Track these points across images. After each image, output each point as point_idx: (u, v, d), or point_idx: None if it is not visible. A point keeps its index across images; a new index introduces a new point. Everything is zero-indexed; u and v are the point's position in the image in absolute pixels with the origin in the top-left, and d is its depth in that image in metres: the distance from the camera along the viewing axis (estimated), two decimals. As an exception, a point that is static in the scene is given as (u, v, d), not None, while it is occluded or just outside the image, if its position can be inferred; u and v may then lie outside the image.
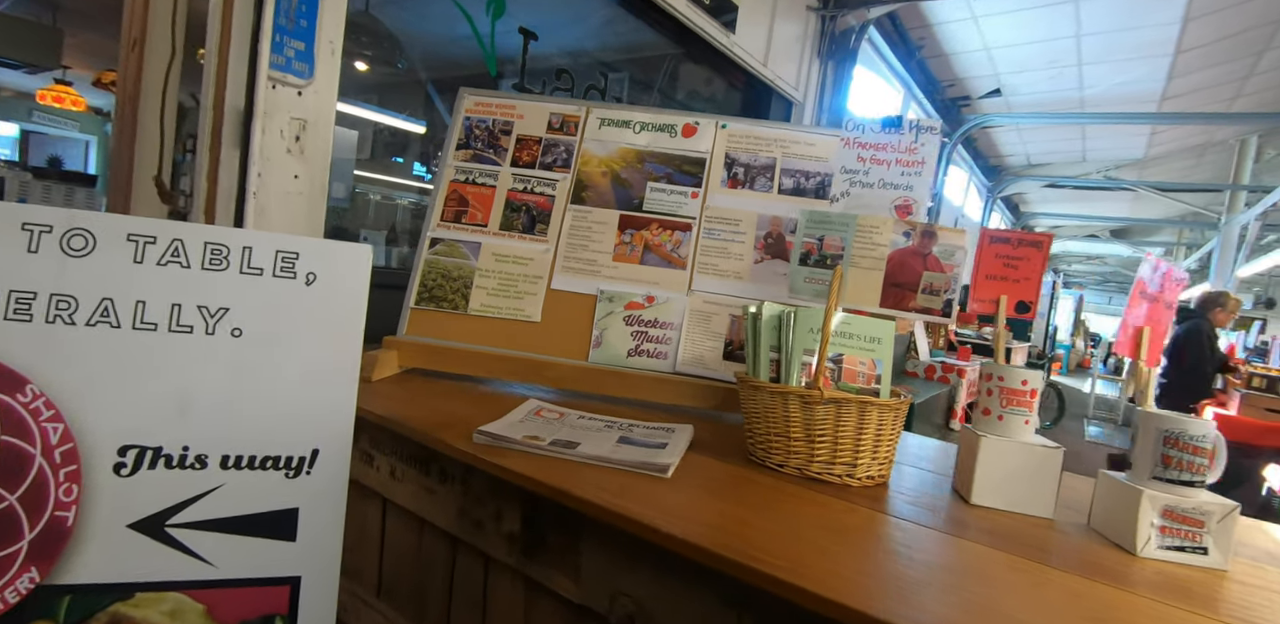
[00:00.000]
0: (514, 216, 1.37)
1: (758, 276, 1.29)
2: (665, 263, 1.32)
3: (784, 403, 0.92)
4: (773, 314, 1.03)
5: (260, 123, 1.37)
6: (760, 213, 1.32)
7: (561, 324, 1.30)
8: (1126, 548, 0.77)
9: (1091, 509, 0.86)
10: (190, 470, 0.84)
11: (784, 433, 0.93)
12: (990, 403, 0.90)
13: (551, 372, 1.25)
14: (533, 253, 1.34)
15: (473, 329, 1.31)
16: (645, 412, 1.22)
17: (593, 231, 1.35)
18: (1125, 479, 0.80)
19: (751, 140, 1.37)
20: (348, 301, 0.92)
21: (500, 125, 1.43)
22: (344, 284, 0.91)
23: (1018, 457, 0.87)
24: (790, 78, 3.92)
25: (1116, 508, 0.80)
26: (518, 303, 1.32)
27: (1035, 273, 0.95)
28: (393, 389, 1.20)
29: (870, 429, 0.91)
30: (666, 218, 1.34)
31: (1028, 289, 0.95)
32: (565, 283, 1.32)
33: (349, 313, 0.92)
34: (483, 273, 1.34)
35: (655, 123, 1.40)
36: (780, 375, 1.01)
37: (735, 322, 1.27)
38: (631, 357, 1.27)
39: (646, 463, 0.86)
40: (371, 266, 0.93)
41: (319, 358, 0.90)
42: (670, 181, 1.36)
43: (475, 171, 1.41)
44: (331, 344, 0.90)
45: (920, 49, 5.64)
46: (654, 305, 1.29)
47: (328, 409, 0.91)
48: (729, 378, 1.23)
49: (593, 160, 1.39)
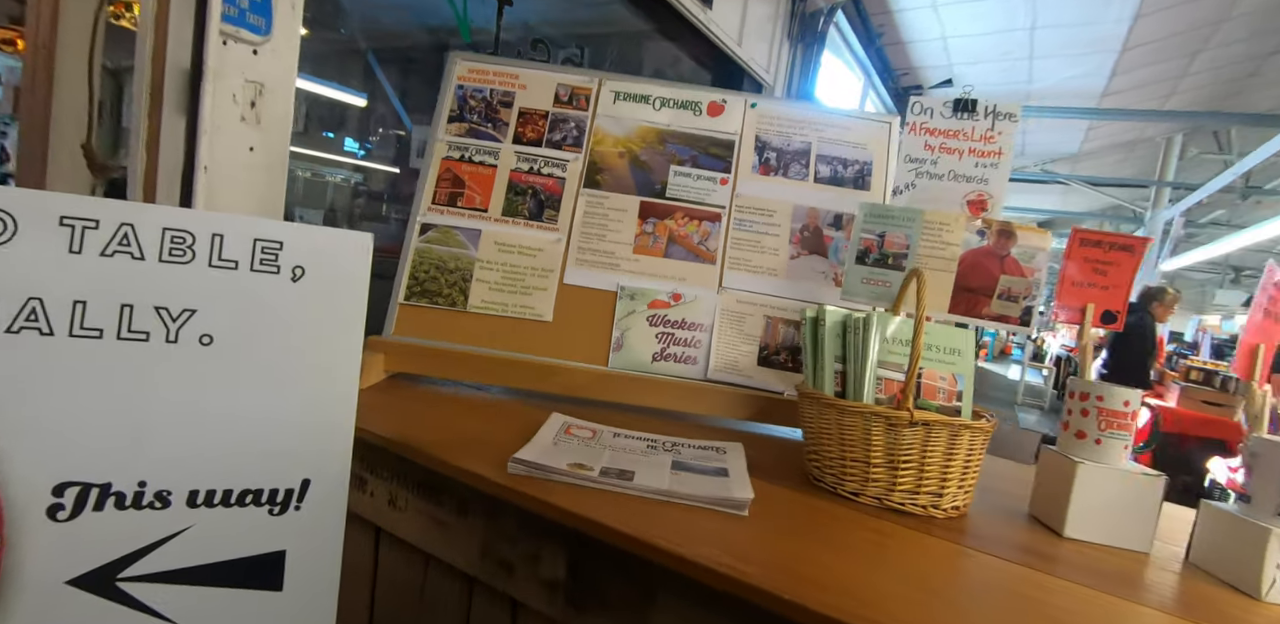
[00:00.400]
0: (518, 201, 1.20)
1: (794, 274, 1.17)
2: (693, 256, 1.18)
3: (865, 424, 0.82)
4: (837, 320, 0.92)
5: (210, 84, 1.15)
6: (796, 203, 1.20)
7: (577, 324, 1.15)
8: (1247, 591, 0.70)
9: (1192, 543, 0.79)
10: (149, 511, 0.68)
11: (863, 458, 0.82)
12: (1086, 425, 0.82)
13: (566, 378, 1.11)
14: (541, 242, 1.18)
15: (473, 329, 1.14)
16: (675, 424, 1.09)
17: (610, 220, 1.20)
18: (1240, 513, 0.73)
19: (784, 122, 1.24)
20: (344, 301, 0.76)
21: (499, 96, 1.25)
22: (339, 280, 0.75)
23: (1116, 485, 0.80)
24: (762, 59, 3.81)
25: (1230, 545, 0.73)
26: (525, 299, 1.16)
27: (1125, 279, 0.87)
28: (383, 399, 1.02)
29: (960, 454, 0.81)
30: (693, 206, 1.20)
31: (1116, 297, 0.87)
32: (580, 277, 1.17)
33: (346, 315, 0.76)
34: (484, 264, 1.17)
35: (677, 99, 1.25)
36: (846, 390, 0.90)
37: (770, 324, 1.16)
38: (657, 361, 1.14)
39: (722, 499, 0.73)
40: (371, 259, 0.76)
41: (309, 370, 0.73)
42: (696, 165, 1.22)
43: (471, 148, 1.22)
44: (325, 353, 0.74)
45: (880, 36, 5.64)
46: (681, 304, 1.16)
47: (321, 431, 0.75)
48: (767, 386, 1.12)
49: (607, 139, 1.23)
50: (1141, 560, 0.77)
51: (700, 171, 1.21)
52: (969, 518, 0.84)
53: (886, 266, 0.99)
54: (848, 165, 1.22)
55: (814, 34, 4.38)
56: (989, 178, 0.96)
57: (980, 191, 0.96)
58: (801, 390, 0.91)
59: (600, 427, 0.96)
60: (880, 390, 0.87)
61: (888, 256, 0.99)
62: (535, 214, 1.20)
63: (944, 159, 0.99)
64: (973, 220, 0.94)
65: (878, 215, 1.00)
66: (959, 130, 0.99)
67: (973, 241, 0.95)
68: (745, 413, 1.11)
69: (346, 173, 3.13)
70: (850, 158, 1.22)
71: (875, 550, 0.71)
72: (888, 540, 0.74)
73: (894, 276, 0.99)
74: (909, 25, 5.48)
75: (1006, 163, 0.96)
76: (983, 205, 0.96)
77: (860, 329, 0.89)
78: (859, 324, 0.89)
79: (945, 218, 0.95)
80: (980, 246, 0.94)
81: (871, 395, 0.86)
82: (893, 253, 0.98)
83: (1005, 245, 0.93)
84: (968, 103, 0.98)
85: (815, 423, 0.88)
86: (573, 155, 1.22)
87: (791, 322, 1.15)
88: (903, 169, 1.02)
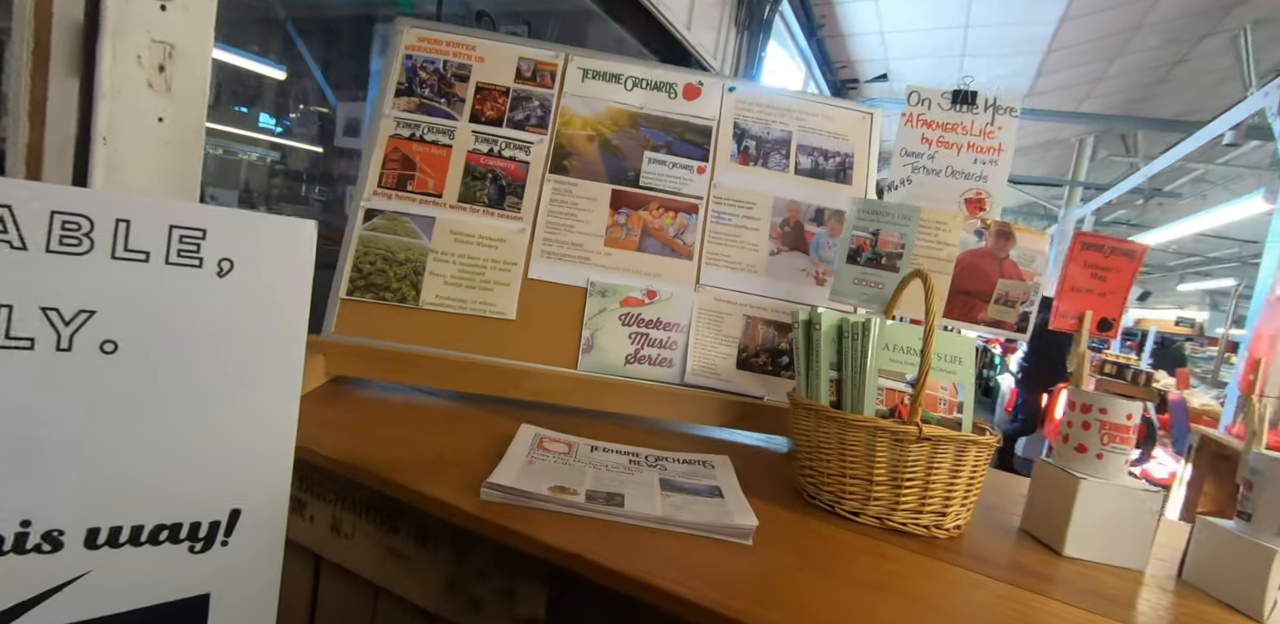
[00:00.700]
0: (477, 186, 1.08)
1: (774, 271, 1.11)
2: (668, 250, 1.10)
3: (869, 440, 0.76)
4: (832, 324, 0.86)
5: (109, 42, 0.97)
6: (776, 196, 1.14)
7: (543, 323, 1.05)
8: (1248, 613, 0.69)
9: (1185, 560, 0.77)
10: (34, 556, 0.57)
11: (865, 475, 0.77)
12: (1087, 439, 0.79)
13: (532, 382, 1.01)
14: (503, 232, 1.07)
15: (426, 328, 1.02)
16: (652, 433, 1.01)
17: (579, 209, 1.10)
18: (1240, 532, 0.72)
19: (763, 109, 1.17)
20: (282, 300, 0.64)
21: (454, 69, 1.12)
22: (276, 275, 0.64)
23: (1117, 502, 0.77)
24: (709, 46, 3.74)
25: (1229, 565, 0.72)
26: (486, 295, 1.04)
27: (1123, 286, 0.84)
28: (325, 409, 0.90)
29: (965, 471, 0.77)
30: (668, 196, 1.12)
31: (1113, 304, 0.85)
32: (546, 271, 1.07)
33: (284, 316, 0.64)
34: (438, 256, 1.05)
35: (650, 79, 1.15)
36: (843, 399, 0.84)
37: (750, 324, 1.09)
38: (630, 364, 1.05)
39: (724, 527, 0.66)
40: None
41: (238, 381, 0.62)
42: (671, 152, 1.13)
43: (423, 126, 1.09)
44: (258, 361, 0.63)
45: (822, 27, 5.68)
46: (656, 302, 1.08)
47: (254, 452, 0.64)
48: (747, 391, 1.06)
49: (575, 121, 1.13)
50: (1138, 580, 0.75)
51: (676, 159, 1.13)
52: (966, 536, 0.81)
53: (880, 267, 0.94)
54: (829, 157, 1.16)
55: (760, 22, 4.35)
56: (988, 175, 0.93)
57: (978, 189, 0.92)
58: (795, 400, 0.85)
59: (576, 439, 0.87)
60: (880, 401, 0.82)
61: (881, 256, 0.93)
62: (496, 201, 1.08)
63: (941, 153, 0.94)
64: (970, 220, 0.90)
65: (872, 212, 0.94)
66: (958, 123, 0.94)
67: (970, 242, 0.91)
68: (724, 419, 1.04)
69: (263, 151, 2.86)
70: (832, 149, 1.16)
71: (883, 580, 0.65)
72: (893, 566, 0.69)
73: (887, 277, 0.94)
74: (849, 18, 5.54)
75: (1006, 160, 0.93)
76: (981, 204, 0.92)
77: (859, 335, 0.83)
78: (857, 329, 0.84)
79: (943, 216, 0.91)
80: (978, 248, 0.90)
81: (872, 407, 0.81)
82: (886, 252, 0.93)
83: (1004, 247, 0.89)
84: (967, 94, 0.94)
85: (812, 436, 0.82)
86: (537, 137, 1.11)
87: (772, 322, 1.09)
88: (898, 163, 0.97)
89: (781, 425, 1.04)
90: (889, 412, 0.83)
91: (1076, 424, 0.81)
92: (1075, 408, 0.82)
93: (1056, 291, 0.87)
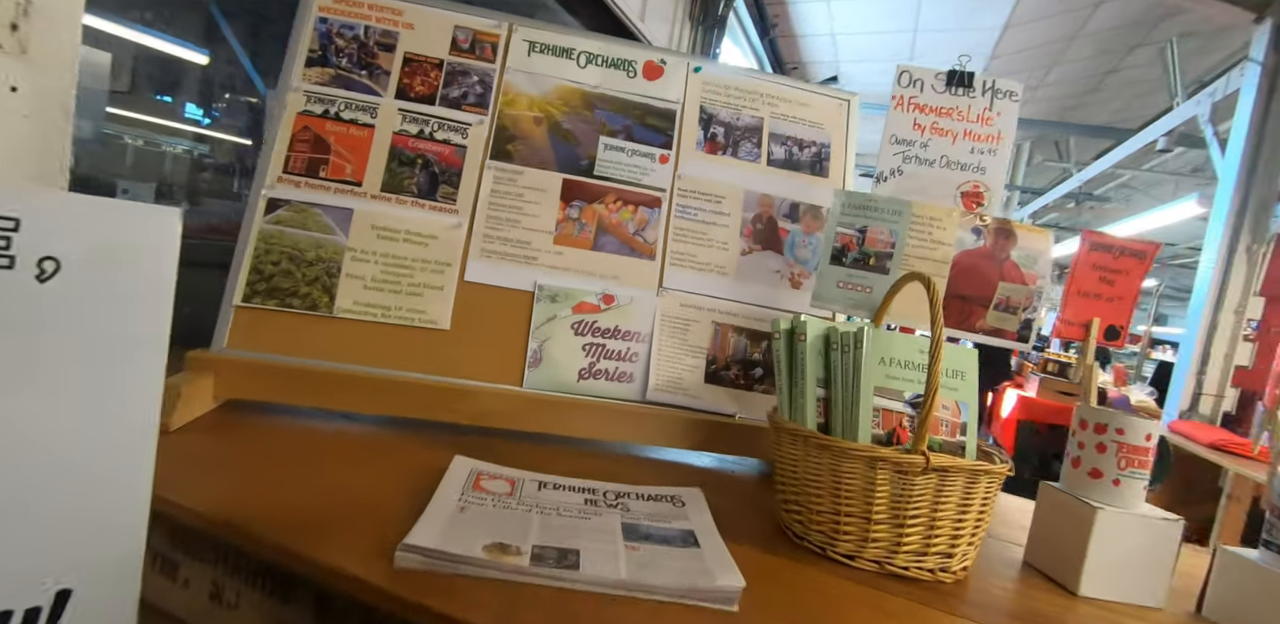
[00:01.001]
0: (404, 173, 0.93)
1: (746, 273, 0.99)
2: (627, 249, 0.97)
3: (868, 472, 0.65)
4: (818, 334, 0.75)
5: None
6: (747, 189, 1.02)
7: (482, 333, 0.90)
8: (1287, 651, 0.61)
9: (1205, 594, 0.69)
10: None
11: (862, 512, 0.66)
12: (1103, 463, 0.70)
13: (470, 403, 0.86)
14: (435, 227, 0.92)
15: (341, 340, 0.86)
16: (610, 459, 0.88)
17: (525, 201, 0.95)
18: (1268, 564, 0.64)
19: (732, 92, 1.05)
20: (132, 311, 0.49)
21: (377, 36, 0.96)
22: (124, 280, 0.48)
23: (1136, 534, 0.68)
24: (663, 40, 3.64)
25: (1258, 600, 0.63)
26: (414, 301, 0.89)
27: (1131, 291, 0.76)
28: (209, 444, 0.73)
29: (974, 505, 0.67)
30: (627, 188, 0.99)
31: (1120, 310, 0.77)
32: (486, 273, 0.92)
33: (135, 331, 0.49)
34: (357, 255, 0.89)
35: (607, 56, 1.02)
36: (832, 421, 0.73)
37: (719, 332, 0.97)
38: (585, 380, 0.91)
39: (705, 591, 0.53)
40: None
41: (67, 415, 0.46)
42: (630, 138, 1.00)
43: (339, 101, 0.93)
44: (96, 390, 0.47)
45: (775, 27, 5.67)
46: (613, 308, 0.95)
47: (91, 510, 0.48)
48: (717, 408, 0.93)
49: (521, 100, 0.98)
50: (1158, 619, 0.67)
51: (635, 145, 1.00)
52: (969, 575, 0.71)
53: (867, 268, 0.83)
54: (804, 147, 1.05)
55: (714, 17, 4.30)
56: (986, 166, 0.83)
57: (976, 182, 0.83)
58: (777, 423, 0.73)
59: (520, 474, 0.73)
60: (876, 424, 0.71)
61: (869, 256, 0.83)
62: (427, 191, 0.93)
63: (935, 142, 0.84)
64: (967, 216, 0.80)
65: (858, 206, 0.83)
66: (953, 108, 0.84)
67: (967, 241, 0.81)
68: (692, 440, 0.91)
69: (189, 143, 2.61)
70: (807, 138, 1.06)
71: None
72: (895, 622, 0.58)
73: (876, 280, 0.83)
74: (802, 18, 5.54)
75: (1006, 149, 0.84)
76: (979, 199, 0.83)
77: (850, 346, 0.72)
78: (848, 340, 0.72)
79: (937, 212, 0.81)
80: (976, 247, 0.81)
81: (868, 431, 0.70)
82: (875, 252, 0.82)
83: (1005, 247, 0.80)
84: (964, 76, 0.84)
85: (799, 466, 0.70)
86: (476, 118, 0.96)
87: (743, 330, 0.97)
88: (887, 151, 0.86)
89: (757, 446, 0.93)
90: (886, 436, 0.72)
91: (1089, 446, 0.72)
92: (1088, 428, 0.73)
93: (1063, 297, 0.78)
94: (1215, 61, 4.97)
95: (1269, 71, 3.17)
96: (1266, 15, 3.21)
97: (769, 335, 0.98)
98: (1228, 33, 4.50)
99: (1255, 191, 3.16)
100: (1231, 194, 3.18)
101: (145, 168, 2.56)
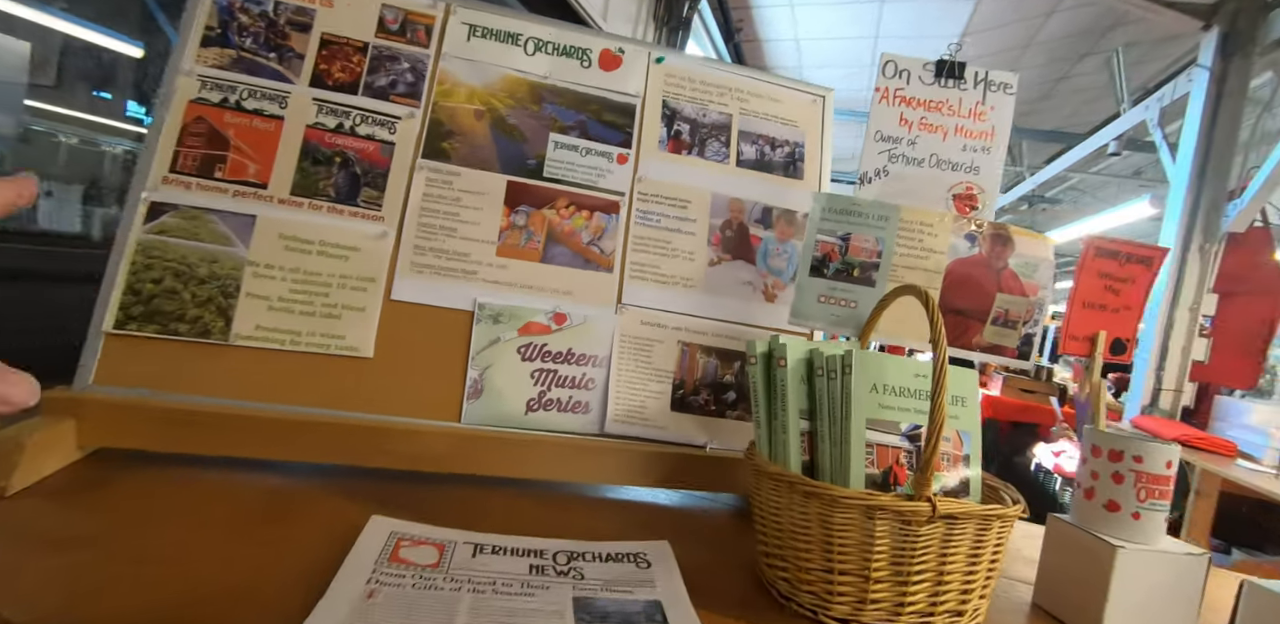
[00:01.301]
0: (319, 173, 0.80)
1: (715, 285, 0.89)
2: (581, 261, 0.86)
3: (867, 523, 0.55)
4: (800, 358, 0.65)
5: None
6: (715, 192, 0.92)
7: (412, 361, 0.78)
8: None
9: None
10: None
11: (860, 570, 0.55)
12: (1121, 495, 0.62)
13: (398, 445, 0.73)
14: (356, 237, 0.79)
15: (240, 373, 0.73)
16: (563, 504, 0.76)
17: (462, 206, 0.83)
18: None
19: (698, 86, 0.95)
20: None
21: (289, 13, 0.83)
22: None
23: (1161, 571, 0.61)
24: (625, 39, 3.55)
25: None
26: (330, 325, 0.76)
27: (1137, 300, 0.68)
28: (58, 513, 0.58)
29: (986, 553, 0.57)
30: (581, 192, 0.87)
31: (1127, 322, 0.69)
32: (417, 290, 0.80)
33: None
34: (260, 270, 0.75)
35: (559, 43, 0.91)
36: (818, 460, 0.63)
37: (687, 353, 0.86)
38: (534, 412, 0.80)
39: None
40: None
41: None
42: (585, 135, 0.89)
43: (241, 88, 0.79)
44: None
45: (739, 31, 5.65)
46: (566, 328, 0.83)
47: None
48: (685, 439, 0.83)
49: (459, 91, 0.86)
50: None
51: (590, 144, 0.89)
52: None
53: (851, 280, 0.73)
54: (776, 146, 0.96)
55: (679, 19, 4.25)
56: (980, 165, 0.75)
57: (969, 183, 0.74)
58: (757, 465, 0.63)
59: (451, 535, 0.61)
60: (870, 462, 0.61)
61: (852, 267, 0.73)
62: (346, 194, 0.80)
63: (924, 138, 0.75)
64: (960, 221, 0.71)
65: (840, 211, 0.74)
66: (943, 101, 0.76)
67: (960, 248, 0.72)
68: (657, 476, 0.80)
69: (131, 143, 2.40)
70: (780, 137, 0.96)
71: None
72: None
73: (861, 294, 0.74)
74: (766, 22, 5.53)
75: (1000, 147, 0.75)
76: (972, 202, 0.74)
77: (837, 372, 0.62)
78: (834, 365, 0.62)
79: (928, 217, 0.72)
80: (970, 256, 0.72)
81: (861, 471, 0.60)
82: (860, 262, 0.73)
83: (1002, 254, 0.71)
84: (954, 66, 0.76)
85: (783, 515, 0.60)
86: (405, 110, 0.84)
87: (713, 350, 0.87)
88: (872, 149, 0.77)
89: (731, 479, 0.82)
90: (882, 476, 0.62)
91: (1104, 476, 0.64)
92: (1101, 455, 0.64)
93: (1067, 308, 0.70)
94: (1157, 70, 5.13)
95: (1216, 77, 3.24)
96: (1214, 23, 3.28)
97: (742, 355, 0.88)
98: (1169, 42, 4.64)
99: (1206, 192, 3.22)
100: (1184, 195, 3.24)
101: (79, 168, 2.34)
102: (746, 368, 0.67)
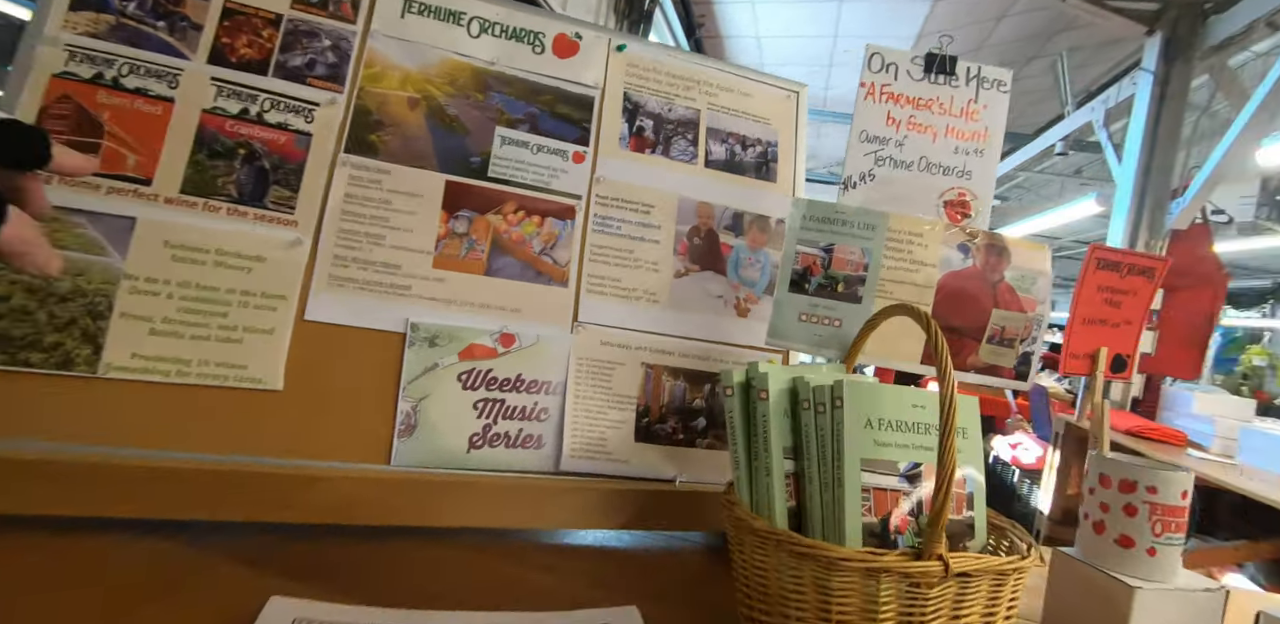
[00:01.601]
0: (218, 168, 0.67)
1: (681, 299, 0.80)
2: (531, 272, 0.75)
3: (869, 584, 0.47)
4: (783, 388, 0.56)
5: None
6: (682, 195, 0.83)
7: (331, 394, 0.66)
8: None
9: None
10: None
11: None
12: (1134, 529, 0.56)
13: (314, 494, 0.62)
14: (263, 245, 0.67)
15: (113, 412, 0.60)
16: (506, 557, 0.66)
17: (393, 209, 0.72)
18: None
19: (663, 78, 0.86)
20: None
21: (181, -23, 0.70)
22: None
23: (1178, 610, 0.56)
24: (583, 34, 3.44)
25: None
26: (229, 352, 0.64)
27: (1138, 314, 0.62)
28: None
29: (1000, 610, 0.50)
30: (532, 194, 0.77)
31: (1127, 337, 0.63)
32: (337, 309, 0.68)
33: None
34: (140, 285, 0.62)
35: (508, 24, 0.80)
36: (806, 508, 0.55)
37: (651, 375, 0.77)
38: (477, 449, 0.69)
39: None
40: None
41: None
42: (536, 130, 0.79)
43: (121, 62, 0.66)
44: None
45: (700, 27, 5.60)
46: (514, 351, 0.73)
47: None
48: (651, 473, 0.74)
49: (390, 75, 0.75)
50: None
51: (543, 140, 0.78)
52: (993, 704, 0.54)
53: (835, 295, 0.65)
54: (748, 146, 0.87)
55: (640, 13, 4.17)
56: (972, 169, 0.68)
57: (961, 189, 0.67)
58: (737, 517, 0.54)
59: (370, 617, 0.50)
60: (867, 509, 0.53)
61: (836, 281, 0.65)
62: (251, 194, 0.68)
63: (913, 139, 0.68)
64: (953, 230, 0.64)
65: (823, 219, 0.66)
66: (933, 99, 0.68)
67: (953, 260, 0.65)
68: (621, 517, 0.71)
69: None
70: (751, 135, 0.88)
71: None
72: None
73: (846, 311, 0.66)
74: (727, 19, 5.48)
75: (994, 149, 0.68)
76: (965, 209, 0.67)
77: (826, 405, 0.54)
78: (822, 397, 0.54)
79: (917, 226, 0.64)
80: (964, 268, 0.65)
81: (857, 523, 0.52)
82: (844, 275, 0.65)
83: (997, 267, 0.64)
84: (945, 60, 0.68)
85: (770, 577, 0.51)
86: (326, 96, 0.72)
87: (680, 371, 0.78)
88: (857, 151, 0.69)
89: (704, 517, 0.74)
90: (880, 525, 0.54)
91: (1115, 508, 0.58)
92: (1111, 485, 0.58)
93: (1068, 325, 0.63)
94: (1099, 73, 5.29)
95: (1160, 80, 3.32)
96: (1157, 28, 3.36)
97: (713, 376, 0.79)
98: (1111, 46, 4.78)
99: (1151, 191, 3.30)
100: (1130, 194, 3.31)
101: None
102: (724, 400, 0.58)
